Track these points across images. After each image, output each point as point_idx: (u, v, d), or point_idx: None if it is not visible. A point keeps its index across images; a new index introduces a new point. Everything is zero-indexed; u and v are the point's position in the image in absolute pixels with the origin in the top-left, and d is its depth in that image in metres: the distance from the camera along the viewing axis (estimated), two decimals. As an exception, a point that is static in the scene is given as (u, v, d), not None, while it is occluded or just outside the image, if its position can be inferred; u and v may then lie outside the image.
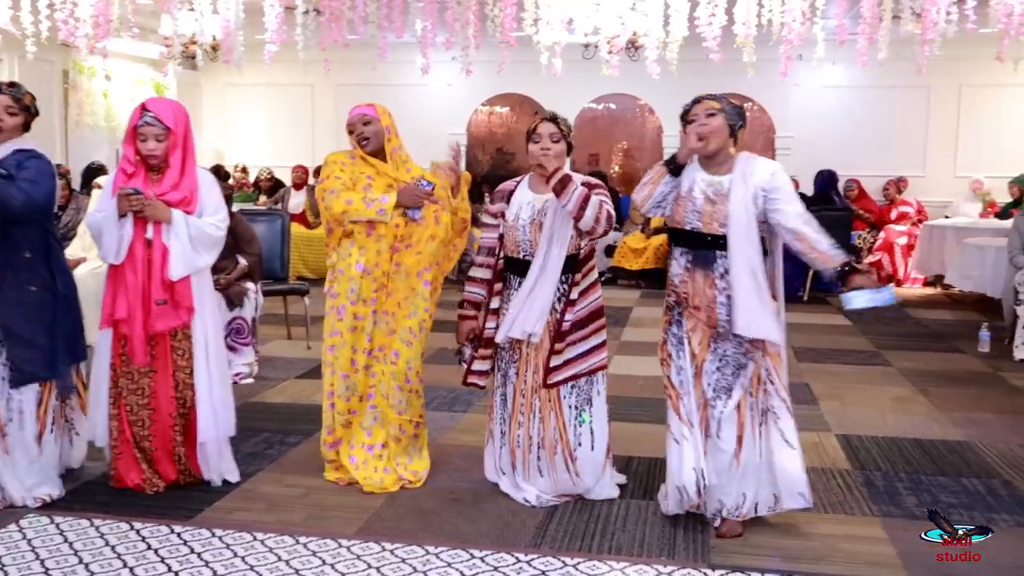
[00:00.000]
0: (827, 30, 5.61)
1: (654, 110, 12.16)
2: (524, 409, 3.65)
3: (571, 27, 6.87)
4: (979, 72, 10.25)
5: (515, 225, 3.66)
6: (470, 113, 12.43)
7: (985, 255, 7.98)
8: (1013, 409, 5.26)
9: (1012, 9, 5.25)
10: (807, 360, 6.49)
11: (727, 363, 3.34)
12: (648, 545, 3.32)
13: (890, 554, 3.26)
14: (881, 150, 11.33)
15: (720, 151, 3.35)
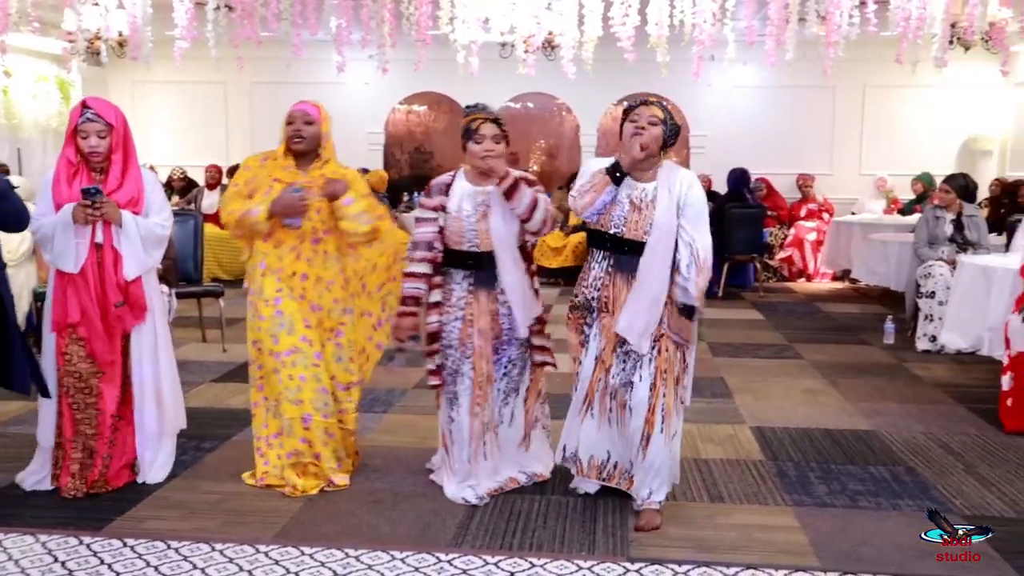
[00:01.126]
0: (737, 31, 5.74)
1: (571, 109, 12.26)
2: (480, 399, 3.70)
3: (487, 26, 6.88)
4: (881, 73, 10.62)
5: (460, 216, 3.64)
6: (388, 112, 12.35)
7: (889, 250, 8.26)
8: (916, 398, 5.46)
9: (909, 13, 5.46)
10: (722, 355, 6.63)
11: (631, 361, 3.44)
12: (568, 541, 3.35)
13: (802, 542, 3.35)
14: (790, 149, 11.65)
15: (651, 159, 3.41)
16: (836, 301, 9.40)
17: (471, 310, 3.65)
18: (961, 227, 7.09)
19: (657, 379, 3.42)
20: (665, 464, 3.48)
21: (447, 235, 3.68)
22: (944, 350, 6.62)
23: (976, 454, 4.38)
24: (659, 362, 3.42)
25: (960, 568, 3.12)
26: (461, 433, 3.71)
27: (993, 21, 6.51)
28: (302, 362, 3.75)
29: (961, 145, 11.64)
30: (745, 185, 10.15)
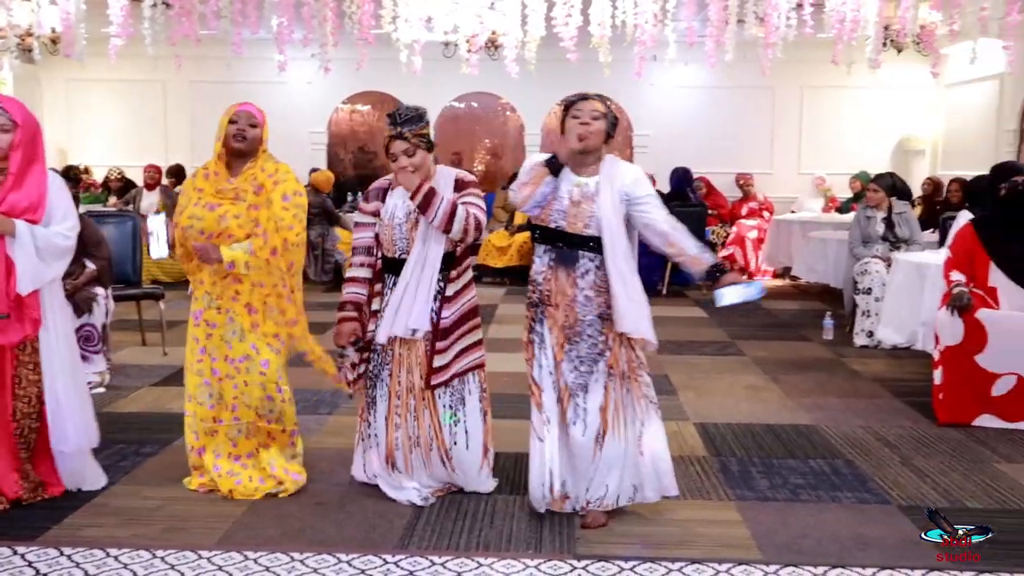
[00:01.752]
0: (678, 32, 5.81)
1: (515, 108, 12.29)
2: (400, 410, 3.63)
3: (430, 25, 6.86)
4: (818, 74, 10.82)
5: (391, 224, 3.62)
6: (331, 111, 12.25)
7: (827, 248, 8.43)
8: (854, 393, 5.58)
9: (844, 16, 5.58)
10: (666, 352, 6.69)
11: (583, 361, 3.42)
12: (516, 540, 3.36)
13: (745, 535, 3.40)
14: (731, 148, 11.83)
15: (592, 153, 3.43)
16: (777, 298, 9.55)
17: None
18: (892, 225, 7.27)
19: (608, 379, 3.42)
20: (627, 466, 3.44)
21: (382, 242, 3.67)
22: (881, 345, 6.79)
23: (911, 446, 4.49)
24: (610, 360, 3.43)
25: (899, 558, 3.19)
26: (378, 439, 3.69)
27: (923, 24, 6.69)
28: (252, 369, 3.72)
29: (895, 145, 11.93)
30: (688, 184, 10.28)
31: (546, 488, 3.47)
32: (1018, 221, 4.89)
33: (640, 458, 3.45)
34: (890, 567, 3.11)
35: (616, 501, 3.47)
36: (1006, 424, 4.76)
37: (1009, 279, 4.89)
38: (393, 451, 3.66)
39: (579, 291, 3.40)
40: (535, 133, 12.07)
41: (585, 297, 3.40)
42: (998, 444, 4.52)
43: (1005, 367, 4.76)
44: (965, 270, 4.95)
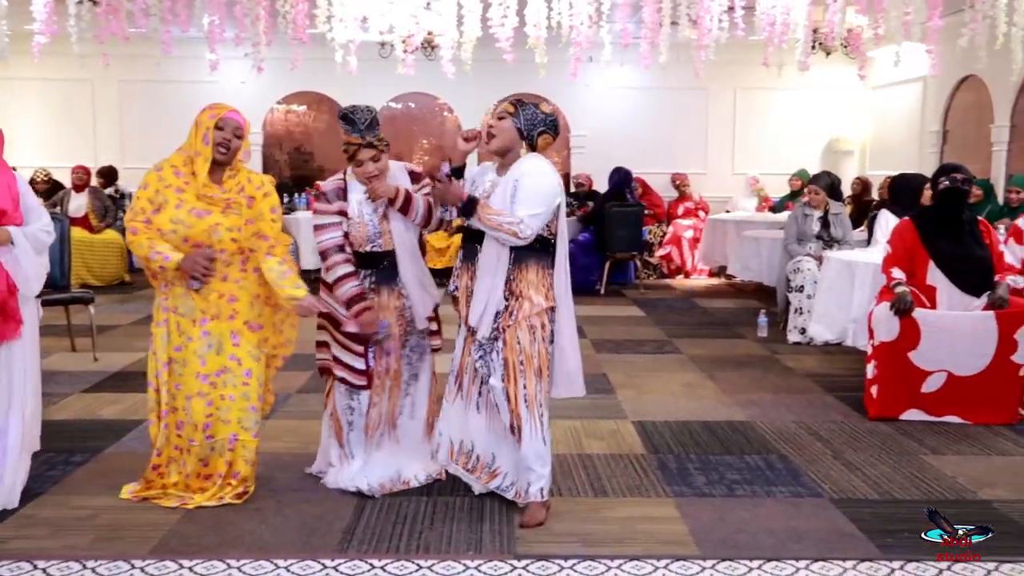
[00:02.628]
0: (613, 34, 5.85)
1: (452, 109, 12.28)
2: (379, 390, 3.78)
3: (365, 25, 6.81)
4: (751, 76, 11.01)
5: (363, 221, 3.67)
6: (265, 112, 12.08)
7: (761, 246, 8.58)
8: (787, 389, 5.69)
9: (774, 19, 5.68)
10: (604, 351, 6.76)
11: (481, 347, 3.51)
12: (455, 541, 3.35)
13: (683, 531, 3.45)
14: (666, 148, 11.96)
15: (509, 152, 3.50)
16: (713, 297, 9.70)
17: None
18: (828, 224, 7.44)
19: (510, 371, 3.47)
20: (543, 455, 3.53)
21: (352, 238, 3.70)
22: (813, 342, 6.93)
23: (843, 440, 4.60)
24: (507, 353, 3.47)
25: (831, 550, 3.26)
26: (361, 419, 3.79)
27: (850, 28, 6.85)
28: (232, 381, 3.64)
29: (825, 145, 12.19)
30: (627, 184, 10.38)
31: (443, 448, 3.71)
32: (951, 220, 5.03)
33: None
34: (823, 559, 3.18)
35: (541, 494, 3.54)
36: (932, 418, 4.90)
37: (947, 278, 5.02)
38: (373, 430, 3.81)
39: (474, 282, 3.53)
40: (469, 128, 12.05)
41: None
42: (925, 437, 4.65)
43: (937, 364, 4.89)
44: (904, 267, 5.07)
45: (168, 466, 3.73)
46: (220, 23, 6.04)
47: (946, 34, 5.93)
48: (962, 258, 4.98)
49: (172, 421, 3.69)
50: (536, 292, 3.47)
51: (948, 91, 9.89)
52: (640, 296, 9.58)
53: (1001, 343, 4.80)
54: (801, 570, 3.09)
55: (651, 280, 10.78)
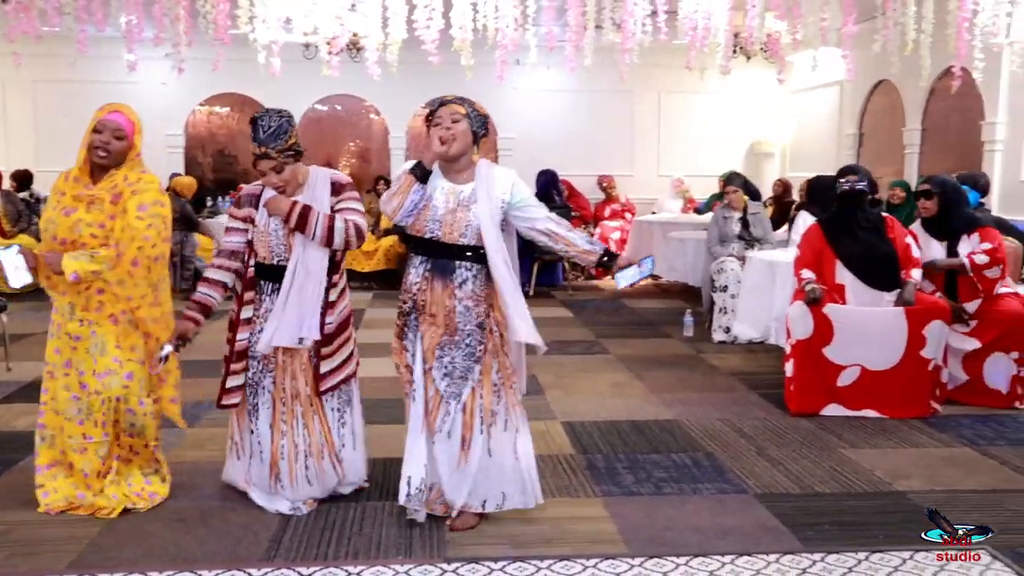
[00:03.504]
0: (539, 36, 5.89)
1: (379, 111, 12.20)
2: (286, 418, 3.55)
3: (289, 26, 6.72)
4: (675, 79, 11.19)
5: (267, 231, 3.53)
6: (187, 113, 11.84)
7: (686, 247, 8.72)
8: (713, 387, 5.79)
9: (696, 23, 5.78)
10: (533, 352, 6.76)
11: (455, 368, 3.40)
12: (385, 546, 3.33)
13: (612, 530, 3.48)
14: (593, 150, 12.08)
15: (462, 158, 3.38)
16: (640, 297, 9.81)
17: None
18: (747, 225, 7.60)
19: (479, 386, 3.42)
20: (499, 473, 3.44)
21: (256, 248, 3.57)
22: (737, 340, 7.07)
23: (766, 437, 4.70)
24: (483, 369, 3.42)
25: (756, 544, 3.33)
26: (262, 447, 3.61)
27: (770, 33, 7.01)
28: (116, 383, 3.55)
29: (748, 147, 12.45)
30: (555, 186, 10.44)
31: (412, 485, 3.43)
32: (853, 220, 5.19)
33: (516, 463, 3.47)
34: (748, 553, 3.24)
35: (483, 506, 3.48)
36: (850, 412, 5.04)
37: (854, 276, 5.18)
38: (278, 461, 3.58)
39: (458, 302, 3.37)
40: (400, 136, 12.01)
41: (464, 307, 3.38)
42: (843, 431, 4.78)
43: (850, 359, 5.04)
44: (814, 268, 5.22)
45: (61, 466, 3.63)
46: (138, 23, 5.90)
47: (860, 40, 6.12)
48: (866, 255, 5.15)
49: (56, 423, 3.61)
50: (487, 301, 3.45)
51: (863, 95, 10.19)
52: (568, 297, 9.65)
53: (911, 339, 4.97)
54: (727, 565, 3.14)
55: (579, 281, 10.86)
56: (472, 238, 3.35)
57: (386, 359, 3.76)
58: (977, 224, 5.37)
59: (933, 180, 5.48)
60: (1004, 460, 4.31)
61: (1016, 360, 5.19)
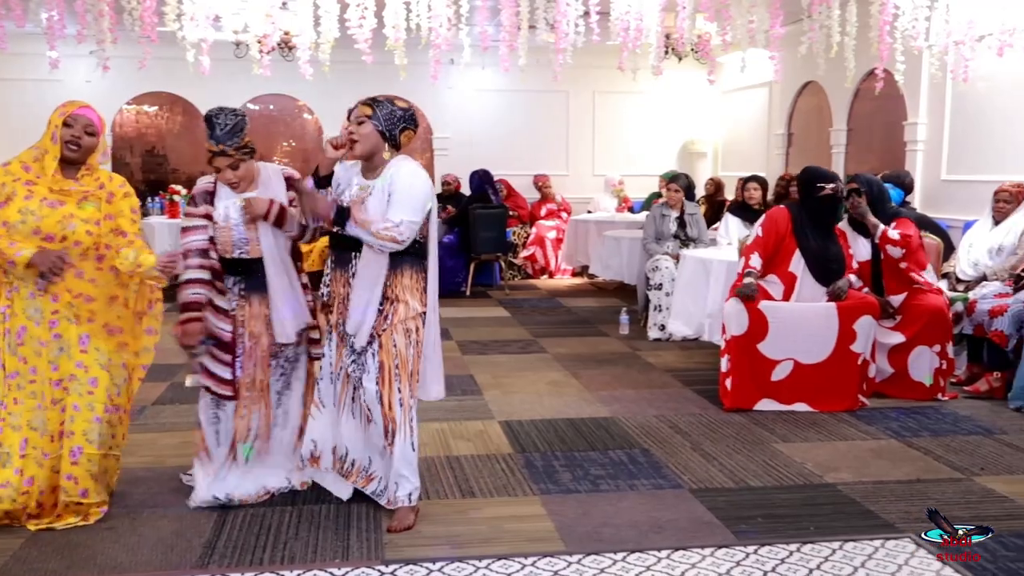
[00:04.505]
0: (473, 36, 5.88)
1: (313, 111, 12.07)
2: (247, 402, 3.67)
3: (218, 24, 6.59)
4: (608, 80, 11.25)
5: (227, 226, 3.59)
6: (114, 112, 11.56)
7: (621, 246, 8.80)
8: (648, 384, 5.86)
9: (628, 24, 5.84)
10: (471, 352, 6.78)
11: (358, 355, 3.49)
12: (322, 550, 3.30)
13: (549, 528, 3.50)
14: (529, 150, 12.11)
15: (373, 156, 3.45)
16: (576, 296, 9.88)
17: (240, 314, 3.64)
18: (684, 224, 7.71)
19: (385, 374, 3.45)
20: (412, 460, 3.53)
21: (217, 244, 3.61)
22: (672, 338, 7.17)
23: (701, 432, 4.77)
24: (382, 356, 3.45)
25: (691, 538, 3.38)
26: (227, 434, 3.70)
27: (700, 34, 7.12)
28: (77, 389, 3.45)
29: (681, 147, 12.60)
30: (490, 185, 10.44)
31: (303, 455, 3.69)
32: (823, 222, 5.30)
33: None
34: (683, 548, 3.28)
35: (408, 499, 3.53)
36: (782, 407, 5.14)
37: (807, 269, 5.28)
38: (237, 444, 3.71)
39: (351, 291, 3.46)
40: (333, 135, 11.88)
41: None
42: (776, 425, 4.87)
43: (784, 354, 5.14)
44: (770, 250, 5.29)
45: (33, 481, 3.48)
46: (60, 18, 5.72)
47: (788, 42, 6.24)
48: (823, 253, 5.27)
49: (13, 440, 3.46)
50: (411, 296, 3.46)
51: (791, 96, 10.39)
52: (505, 297, 9.66)
53: (841, 333, 5.09)
54: (663, 560, 3.18)
55: (516, 281, 10.89)
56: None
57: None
58: (897, 216, 5.54)
59: (859, 179, 5.62)
60: (927, 451, 4.44)
61: (938, 353, 5.36)
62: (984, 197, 6.60)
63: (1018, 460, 4.30)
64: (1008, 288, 5.70)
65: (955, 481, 4.01)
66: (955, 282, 6.10)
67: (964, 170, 7.55)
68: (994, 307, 5.47)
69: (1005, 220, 6.09)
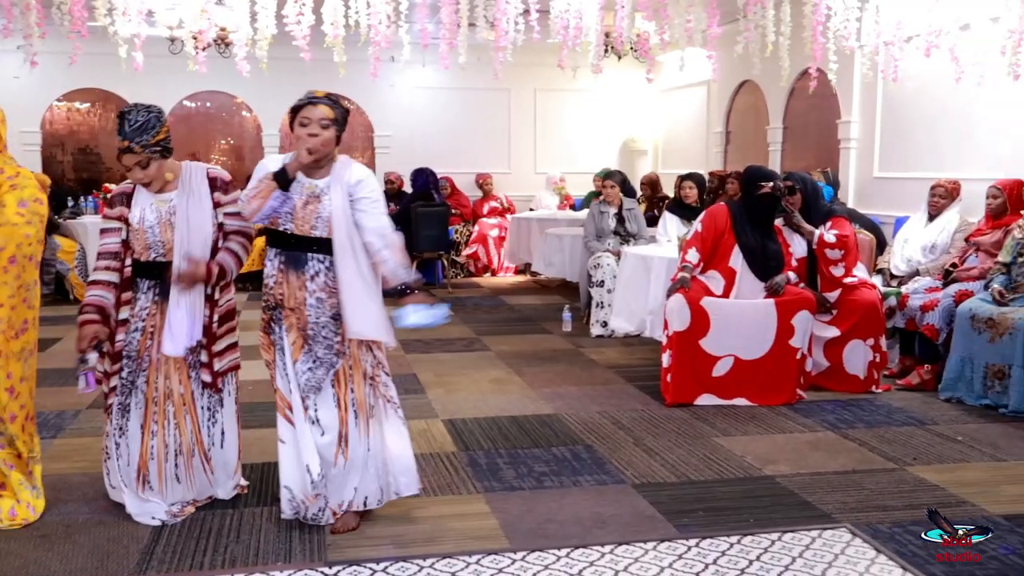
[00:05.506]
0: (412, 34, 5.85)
1: (252, 108, 11.89)
2: (158, 417, 3.49)
3: (152, 19, 6.46)
4: (549, 78, 11.25)
5: (141, 228, 3.48)
6: (44, 110, 11.26)
7: (563, 243, 8.84)
8: (591, 380, 5.90)
9: (568, 22, 5.86)
10: (414, 351, 6.75)
11: (320, 364, 3.37)
12: (264, 553, 3.26)
13: (493, 526, 3.50)
14: (471, 148, 12.10)
15: (325, 158, 3.38)
16: (519, 294, 9.90)
17: (152, 321, 3.50)
18: (623, 220, 7.78)
19: (343, 378, 3.39)
20: (371, 468, 3.42)
21: (133, 246, 3.51)
22: (614, 334, 7.22)
23: (643, 428, 4.81)
24: (349, 361, 3.39)
25: (634, 533, 3.41)
26: (130, 449, 3.53)
27: (639, 33, 7.18)
28: None
29: (621, 145, 12.70)
30: (432, 184, 10.41)
31: (295, 490, 3.42)
32: (761, 219, 5.39)
33: (386, 459, 3.46)
34: (626, 542, 3.31)
35: (363, 504, 3.46)
36: (723, 401, 5.22)
37: (746, 265, 5.36)
38: (147, 462, 3.51)
39: (310, 294, 3.36)
40: (273, 133, 11.73)
41: (317, 299, 3.36)
42: (717, 420, 4.94)
43: (725, 350, 5.22)
44: (708, 246, 5.37)
45: None
46: (-15, 13, 5.54)
47: (724, 41, 6.33)
48: (762, 250, 5.36)
49: None
50: None
51: (729, 95, 10.55)
52: (448, 295, 9.64)
53: (780, 329, 5.19)
54: (606, 555, 3.21)
55: (459, 279, 10.88)
56: (323, 231, 3.34)
57: (261, 362, 3.66)
58: (833, 215, 5.66)
59: (794, 177, 5.73)
60: (862, 442, 4.55)
61: (872, 347, 5.49)
62: (914, 193, 6.79)
63: (948, 450, 4.43)
64: (939, 283, 5.87)
65: (889, 471, 4.11)
66: (889, 278, 6.25)
67: (895, 167, 7.75)
68: (925, 302, 5.63)
69: (939, 217, 6.25)
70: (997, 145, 6.54)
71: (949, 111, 7.00)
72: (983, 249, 5.78)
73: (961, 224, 6.19)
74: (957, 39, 6.10)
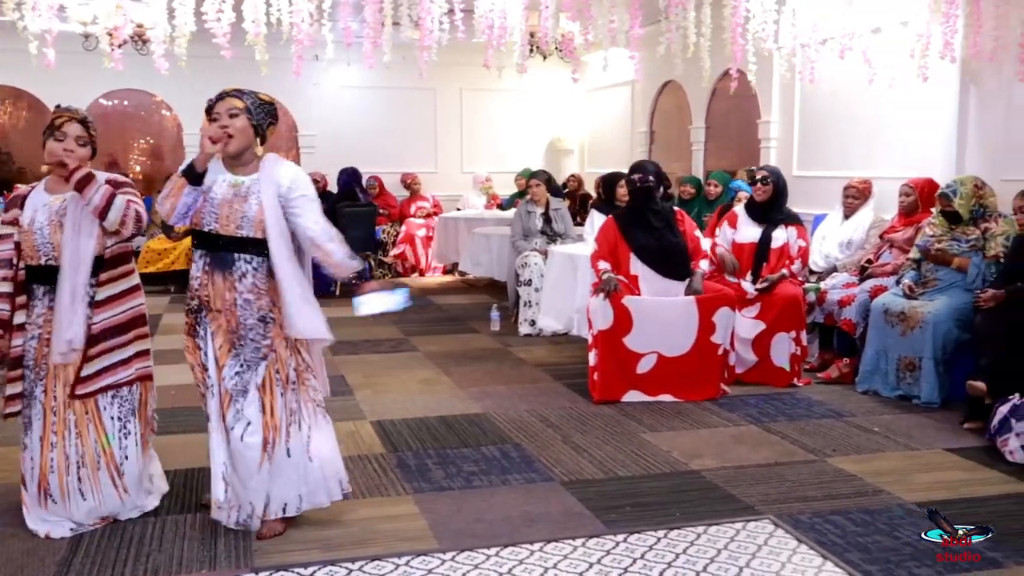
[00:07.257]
0: (336, 32, 5.79)
1: (172, 107, 11.64)
2: (57, 427, 3.35)
3: (64, 15, 6.26)
4: (475, 77, 11.28)
5: (31, 230, 3.37)
6: (-50, 107, 10.86)
7: (491, 243, 8.85)
8: (519, 379, 5.92)
9: (492, 22, 5.87)
10: (342, 352, 6.68)
11: (246, 365, 3.32)
12: (188, 560, 3.19)
13: (423, 527, 3.49)
14: (397, 148, 12.04)
15: (244, 151, 3.31)
16: (447, 293, 9.88)
17: (48, 328, 3.37)
18: (550, 220, 7.83)
19: (269, 381, 3.33)
20: (295, 473, 3.36)
21: (24, 249, 3.39)
22: (542, 333, 7.27)
23: (571, 425, 4.85)
24: (275, 363, 3.35)
25: (563, 530, 3.43)
26: (32, 461, 3.40)
27: (563, 33, 7.22)
28: None
29: (548, 144, 12.77)
30: (357, 184, 10.31)
31: (216, 490, 3.37)
32: (642, 213, 5.47)
33: (309, 464, 3.39)
34: (555, 539, 3.33)
35: (284, 510, 3.39)
36: (649, 398, 5.29)
37: (646, 266, 5.45)
38: (47, 475, 3.36)
39: (238, 295, 3.29)
40: (194, 133, 11.47)
41: (245, 300, 3.30)
42: (643, 416, 5.01)
43: (648, 347, 5.29)
44: (610, 259, 5.46)
45: None
46: None
47: (647, 42, 6.40)
48: (657, 247, 5.45)
49: None
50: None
51: (652, 95, 10.69)
52: (375, 296, 9.55)
53: (701, 326, 5.28)
54: (536, 552, 3.22)
55: (386, 279, 10.80)
56: (250, 230, 3.28)
57: (183, 366, 3.59)
58: (797, 220, 5.94)
59: (769, 169, 6.07)
60: (784, 435, 4.66)
61: (793, 339, 5.63)
62: (831, 191, 6.97)
63: (865, 440, 4.57)
64: (855, 279, 6.05)
65: (809, 463, 4.22)
66: (808, 273, 6.42)
67: (813, 166, 7.95)
68: (843, 297, 5.79)
69: (854, 215, 6.45)
70: (908, 144, 6.76)
71: (862, 111, 7.21)
72: (896, 245, 5.98)
73: (876, 221, 6.39)
74: (870, 42, 6.28)
